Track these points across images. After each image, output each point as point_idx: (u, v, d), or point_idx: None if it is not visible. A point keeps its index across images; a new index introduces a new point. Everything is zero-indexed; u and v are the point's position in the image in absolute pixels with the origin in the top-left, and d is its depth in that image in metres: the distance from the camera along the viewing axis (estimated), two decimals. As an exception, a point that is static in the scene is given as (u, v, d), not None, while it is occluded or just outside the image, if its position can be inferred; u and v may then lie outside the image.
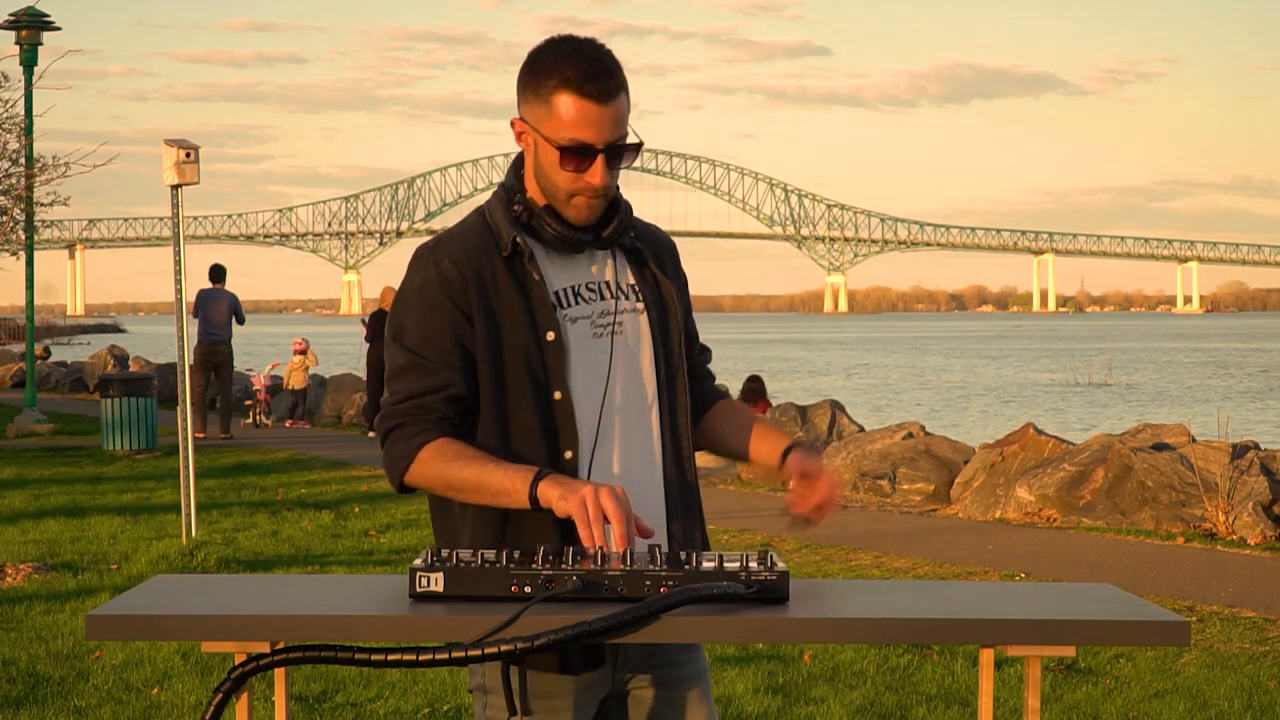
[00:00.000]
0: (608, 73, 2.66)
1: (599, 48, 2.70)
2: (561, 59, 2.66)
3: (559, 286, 2.77)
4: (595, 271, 2.80)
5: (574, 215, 2.72)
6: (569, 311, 2.75)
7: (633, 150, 2.71)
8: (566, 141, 2.65)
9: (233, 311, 18.63)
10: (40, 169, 15.52)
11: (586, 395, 2.74)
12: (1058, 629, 2.47)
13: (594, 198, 2.70)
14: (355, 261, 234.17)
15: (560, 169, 2.68)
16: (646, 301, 2.82)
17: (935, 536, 10.89)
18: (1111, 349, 71.65)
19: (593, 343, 2.76)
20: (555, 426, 2.71)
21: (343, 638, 2.43)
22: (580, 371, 2.74)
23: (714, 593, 2.44)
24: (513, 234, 2.73)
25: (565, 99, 2.64)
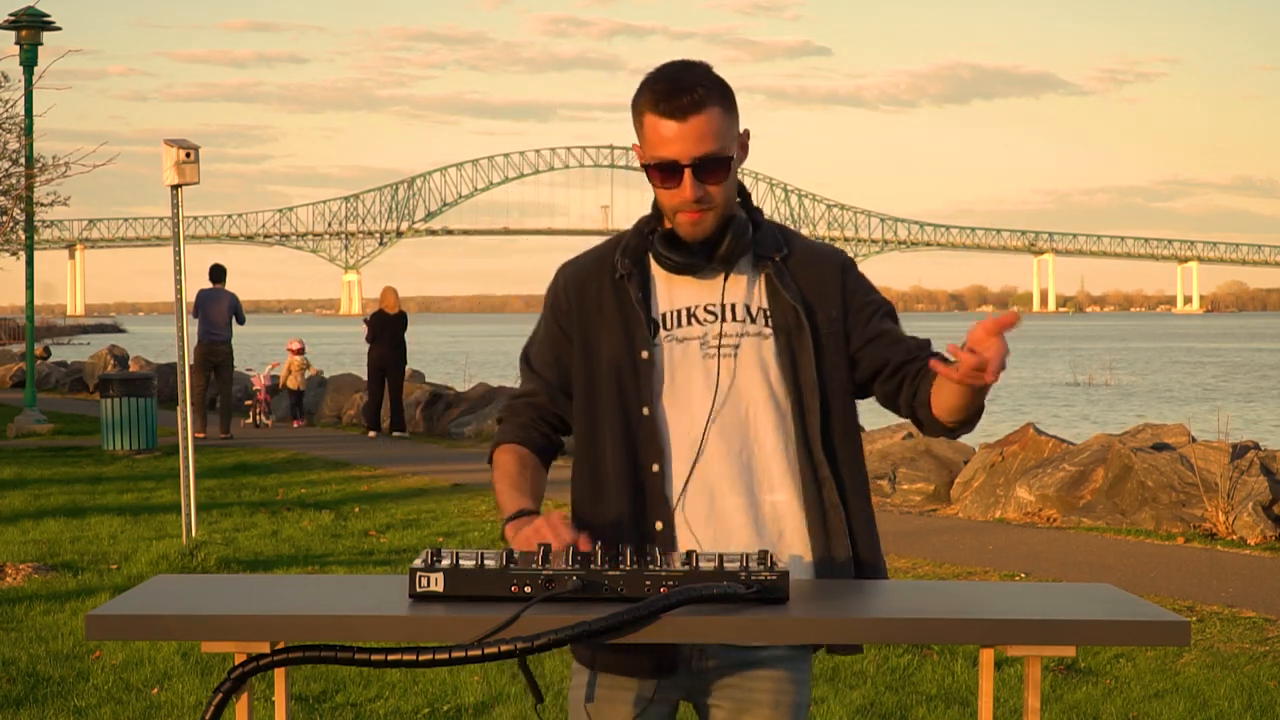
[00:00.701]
0: (684, 89, 2.72)
1: (688, 66, 2.77)
2: (649, 80, 2.77)
3: (674, 307, 2.84)
4: (725, 294, 2.83)
5: (683, 232, 2.79)
6: (676, 332, 2.83)
7: (723, 164, 2.74)
8: (653, 160, 2.76)
9: (233, 311, 18.63)
10: (40, 169, 15.52)
11: (683, 413, 2.81)
12: (1058, 629, 2.47)
13: (696, 213, 2.75)
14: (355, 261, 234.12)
15: (656, 187, 2.78)
16: (776, 327, 2.82)
17: (935, 536, 10.89)
18: (1111, 349, 71.64)
19: (700, 363, 2.82)
20: (641, 441, 2.80)
21: (343, 638, 2.43)
22: (678, 391, 2.82)
23: (714, 593, 2.44)
24: (622, 258, 2.85)
25: (649, 119, 2.75)
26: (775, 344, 2.82)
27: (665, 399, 2.82)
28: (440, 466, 15.64)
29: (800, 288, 2.84)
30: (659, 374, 2.82)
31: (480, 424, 19.42)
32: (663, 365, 2.82)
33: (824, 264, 2.88)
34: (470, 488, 13.57)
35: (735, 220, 2.80)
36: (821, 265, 2.88)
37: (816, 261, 2.88)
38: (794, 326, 2.82)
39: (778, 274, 2.83)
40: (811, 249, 2.91)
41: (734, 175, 2.79)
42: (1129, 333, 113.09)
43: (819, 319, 2.83)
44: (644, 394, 2.80)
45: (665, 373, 2.82)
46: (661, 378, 2.82)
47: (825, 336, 2.83)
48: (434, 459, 16.70)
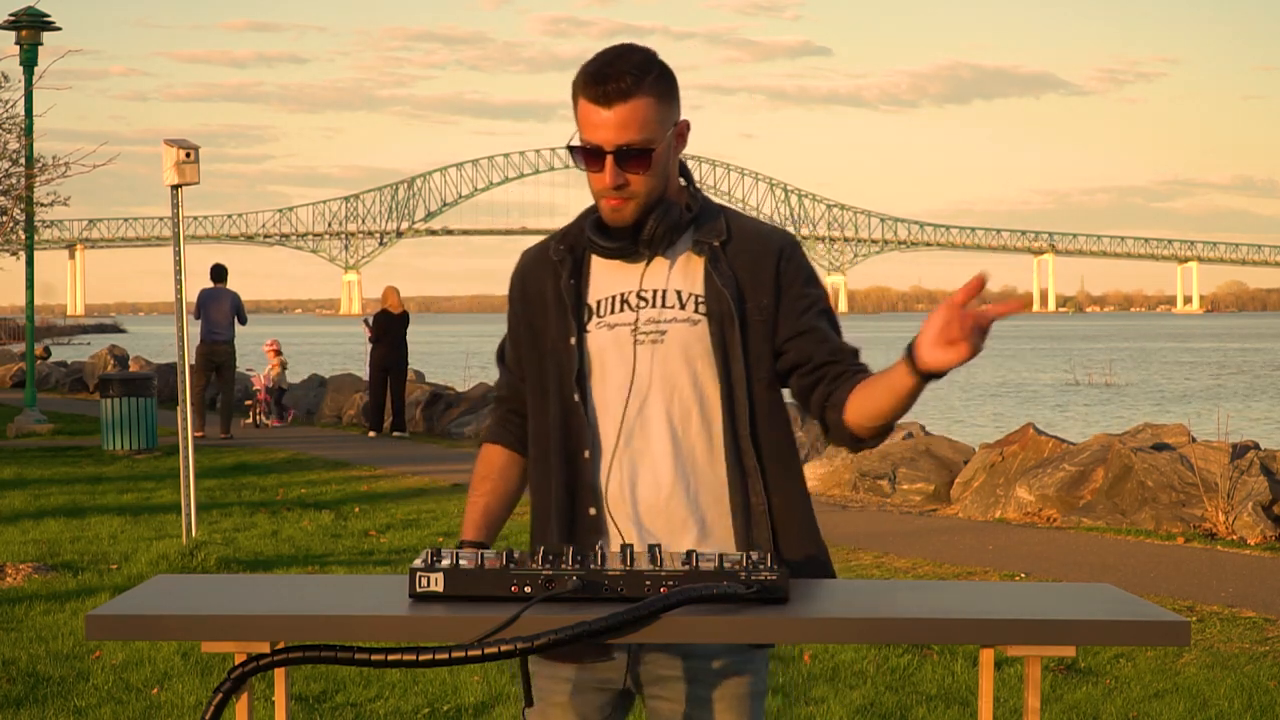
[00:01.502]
0: (614, 77, 2.71)
1: (623, 52, 2.75)
2: (587, 63, 2.76)
3: (608, 294, 2.84)
4: (658, 280, 2.83)
5: (605, 217, 2.80)
6: (607, 318, 2.83)
7: (644, 156, 2.73)
8: (580, 142, 2.76)
9: (235, 311, 18.63)
10: (40, 169, 15.54)
11: (614, 400, 2.81)
12: (1058, 629, 2.47)
13: (617, 200, 2.76)
14: (355, 261, 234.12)
15: (585, 171, 2.78)
16: (709, 312, 2.81)
17: (935, 536, 10.89)
18: (1111, 349, 71.65)
19: (629, 349, 2.81)
20: (574, 428, 2.81)
21: (343, 638, 2.43)
22: (608, 377, 2.82)
23: (714, 593, 2.44)
24: (558, 245, 2.88)
25: (581, 102, 2.76)
26: (708, 330, 2.80)
27: (595, 385, 2.82)
28: (440, 466, 15.64)
29: (735, 274, 2.81)
30: (588, 360, 2.82)
31: (480, 424, 19.42)
32: (593, 351, 2.82)
33: (762, 249, 2.84)
34: (470, 488, 13.56)
35: (661, 205, 2.78)
36: (759, 251, 2.84)
37: (755, 247, 2.84)
38: (725, 314, 2.80)
39: (713, 260, 2.82)
40: (752, 233, 2.87)
41: (661, 165, 2.76)
42: (1129, 333, 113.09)
43: (749, 307, 2.81)
44: (575, 380, 2.81)
45: (596, 359, 2.82)
46: (591, 364, 2.82)
47: (754, 325, 2.81)
48: (434, 459, 16.70)
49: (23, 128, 17.29)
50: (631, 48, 2.76)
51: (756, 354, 2.81)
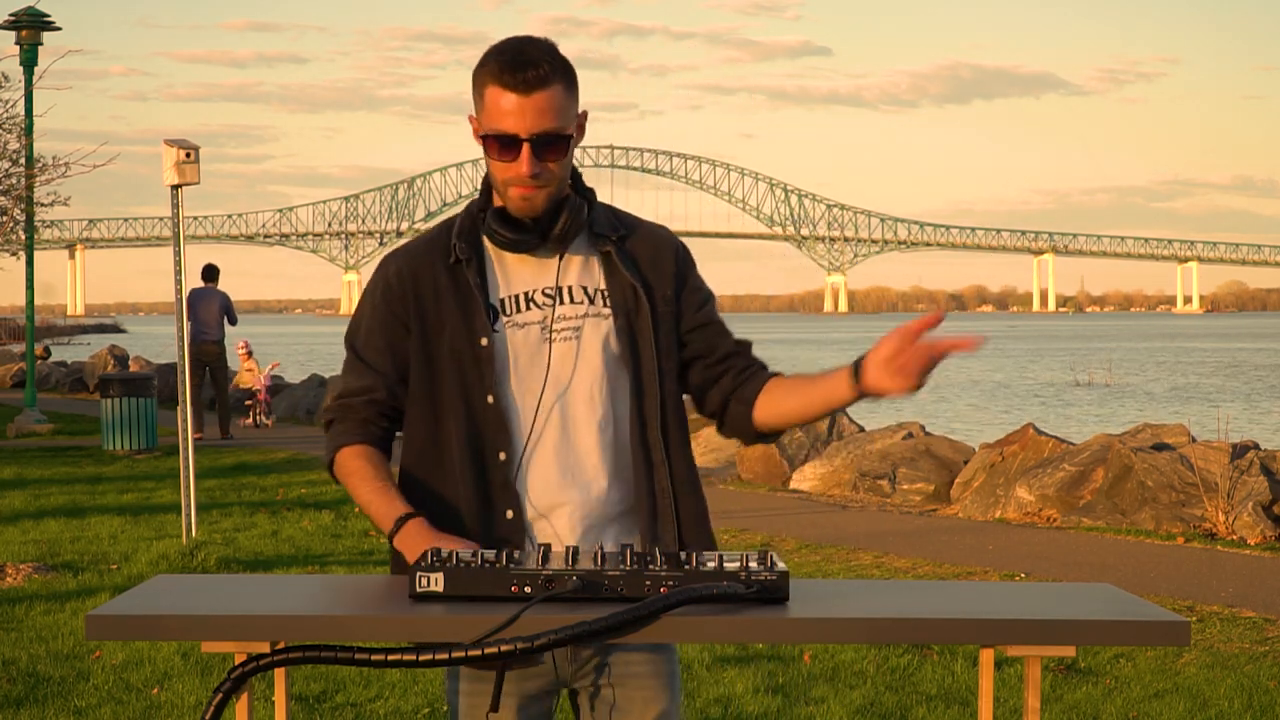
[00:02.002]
0: (530, 63, 2.68)
1: (531, 41, 2.73)
2: (494, 52, 2.72)
3: (513, 292, 2.81)
4: (562, 276, 2.80)
5: (513, 207, 2.76)
6: (516, 317, 2.79)
7: (562, 141, 2.72)
8: (492, 131, 2.72)
9: (224, 311, 18.57)
10: (40, 169, 15.55)
11: (530, 400, 2.78)
12: (1058, 629, 2.47)
13: (529, 189, 2.72)
14: (355, 261, 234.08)
15: (491, 160, 2.74)
16: (615, 307, 2.80)
17: (935, 536, 10.89)
18: (1111, 349, 71.64)
19: (541, 348, 2.79)
20: (488, 431, 2.76)
21: (343, 638, 2.43)
22: (522, 377, 2.79)
23: (714, 593, 2.44)
24: (457, 241, 2.81)
25: (491, 90, 2.71)
26: (614, 324, 2.80)
27: (511, 385, 2.78)
28: (440, 466, 15.61)
29: (639, 267, 2.82)
30: (501, 361, 2.78)
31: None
32: (505, 352, 2.79)
33: (659, 244, 2.87)
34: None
35: (569, 200, 2.78)
36: (657, 245, 2.87)
37: (652, 241, 2.87)
38: (632, 307, 2.80)
39: (616, 253, 2.81)
40: (647, 229, 2.89)
41: (570, 155, 2.77)
42: (1129, 333, 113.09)
43: (656, 298, 2.82)
44: (487, 381, 2.77)
45: (508, 359, 2.79)
46: (505, 364, 2.78)
47: (662, 316, 2.82)
48: (434, 459, 16.68)
49: (23, 128, 17.29)
50: (537, 38, 2.74)
51: (665, 346, 2.83)
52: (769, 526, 11.17)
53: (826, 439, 15.72)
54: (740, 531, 10.97)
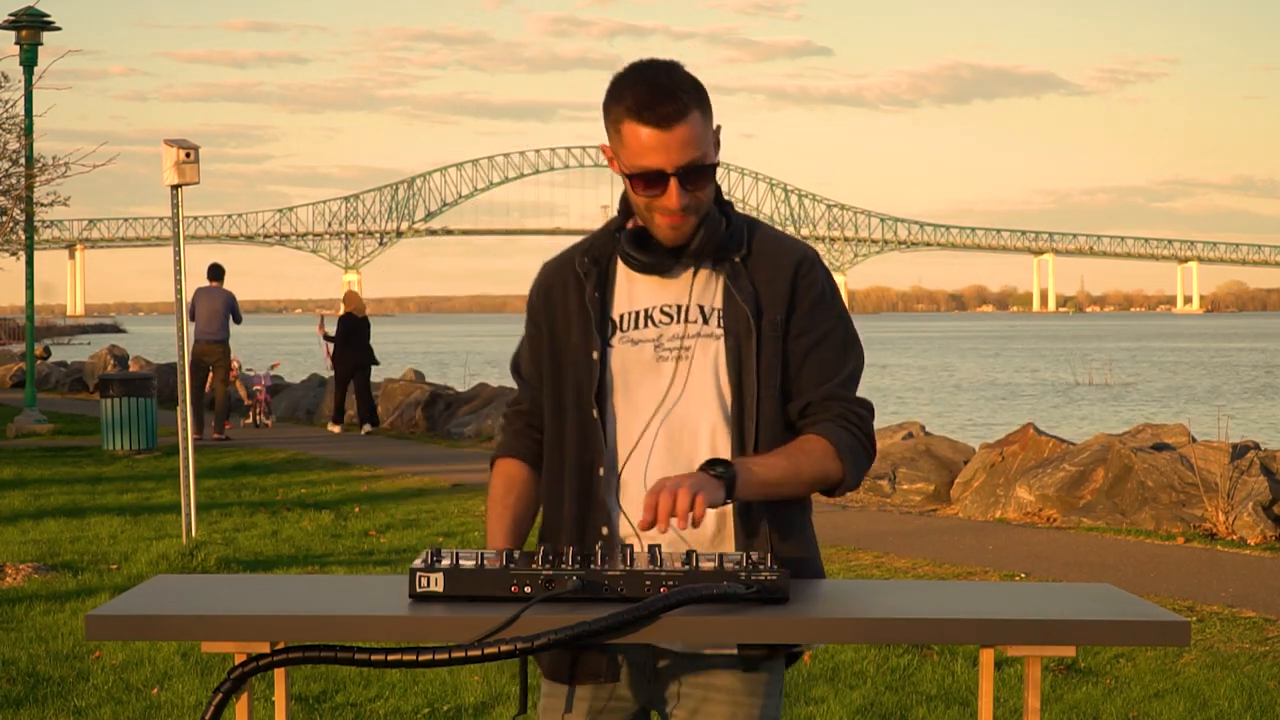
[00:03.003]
0: (668, 96, 2.66)
1: (664, 70, 2.70)
2: (626, 86, 2.69)
3: (632, 308, 2.81)
4: (681, 294, 2.79)
5: (663, 236, 2.75)
6: (632, 334, 2.79)
7: (708, 171, 2.71)
8: (637, 169, 2.69)
9: (229, 310, 18.58)
10: (40, 169, 15.55)
11: (635, 417, 2.77)
12: (1058, 629, 2.47)
13: (678, 218, 2.71)
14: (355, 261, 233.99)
15: (637, 194, 2.72)
16: (727, 328, 2.77)
17: (935, 536, 10.89)
18: (1111, 349, 71.66)
19: (653, 365, 2.78)
20: (592, 444, 2.78)
21: (343, 638, 2.43)
22: (631, 393, 2.78)
23: (714, 593, 2.44)
24: (582, 257, 2.83)
25: (630, 127, 2.68)
26: (725, 345, 2.77)
27: (617, 401, 2.78)
28: (440, 466, 15.64)
29: (755, 289, 2.78)
30: (610, 375, 2.78)
31: (480, 424, 19.42)
32: (615, 367, 2.78)
33: (779, 264, 2.81)
34: (470, 488, 13.57)
35: (709, 219, 2.76)
36: (777, 265, 2.80)
37: (773, 261, 2.81)
38: (743, 330, 2.76)
39: (733, 274, 2.78)
40: (771, 246, 2.83)
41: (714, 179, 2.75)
42: (1129, 333, 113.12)
43: (765, 323, 2.77)
44: (594, 394, 2.78)
45: (618, 374, 2.78)
46: (613, 379, 2.78)
47: (768, 341, 2.78)
48: (434, 459, 16.70)
49: (23, 128, 17.28)
50: (667, 63, 2.71)
51: (768, 370, 2.77)
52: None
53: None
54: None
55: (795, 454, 2.73)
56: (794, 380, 2.79)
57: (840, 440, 2.76)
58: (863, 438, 2.80)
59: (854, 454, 2.77)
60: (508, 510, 2.89)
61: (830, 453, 2.74)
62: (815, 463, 2.73)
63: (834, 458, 2.75)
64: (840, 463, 2.75)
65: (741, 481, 2.63)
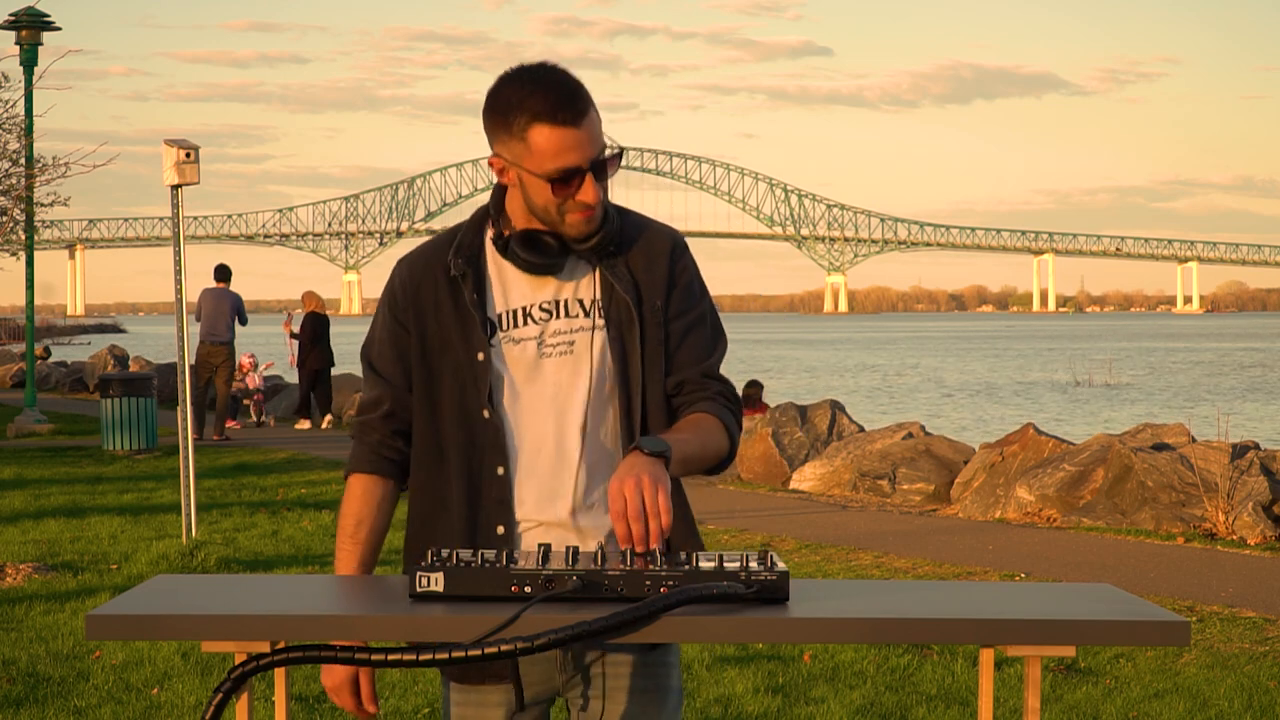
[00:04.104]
0: (574, 94, 2.66)
1: (559, 71, 2.70)
2: (525, 93, 2.66)
3: (510, 307, 2.79)
4: (559, 290, 2.78)
5: (576, 231, 2.73)
6: (512, 333, 2.78)
7: (615, 160, 2.72)
8: (554, 172, 2.67)
9: (235, 311, 18.57)
10: (40, 169, 15.53)
11: (527, 414, 2.77)
12: (1058, 629, 2.47)
13: (591, 212, 2.71)
14: (355, 261, 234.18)
15: (553, 195, 2.69)
16: (608, 319, 2.77)
17: (935, 536, 10.89)
18: (1111, 349, 71.64)
19: (537, 363, 2.78)
20: (485, 444, 2.76)
21: (343, 638, 2.43)
22: (520, 391, 2.78)
23: (714, 593, 2.44)
24: (455, 258, 2.79)
25: (542, 130, 2.65)
26: (608, 336, 2.77)
27: (506, 401, 2.78)
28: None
29: (634, 277, 2.78)
30: (497, 376, 2.78)
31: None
32: (501, 367, 2.78)
33: (654, 249, 2.81)
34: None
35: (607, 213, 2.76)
36: (652, 251, 2.81)
37: (648, 247, 2.81)
38: (625, 320, 2.76)
39: (611, 265, 2.77)
40: (642, 232, 2.82)
41: None
42: (1129, 333, 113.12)
43: (646, 310, 2.78)
44: (483, 396, 2.76)
45: (504, 374, 2.78)
46: (500, 379, 2.78)
47: (651, 327, 2.78)
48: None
49: (23, 128, 17.27)
50: (553, 66, 2.71)
51: (651, 356, 2.79)
52: (769, 526, 11.17)
53: (826, 439, 15.73)
54: (740, 531, 10.97)
55: (698, 431, 2.77)
56: (670, 357, 2.82)
57: (726, 419, 2.82)
58: (738, 416, 2.87)
59: (734, 432, 2.84)
60: (357, 545, 2.92)
61: (721, 429, 2.81)
62: (714, 440, 2.78)
63: (724, 435, 2.81)
64: (727, 439, 2.81)
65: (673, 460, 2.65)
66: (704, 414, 2.80)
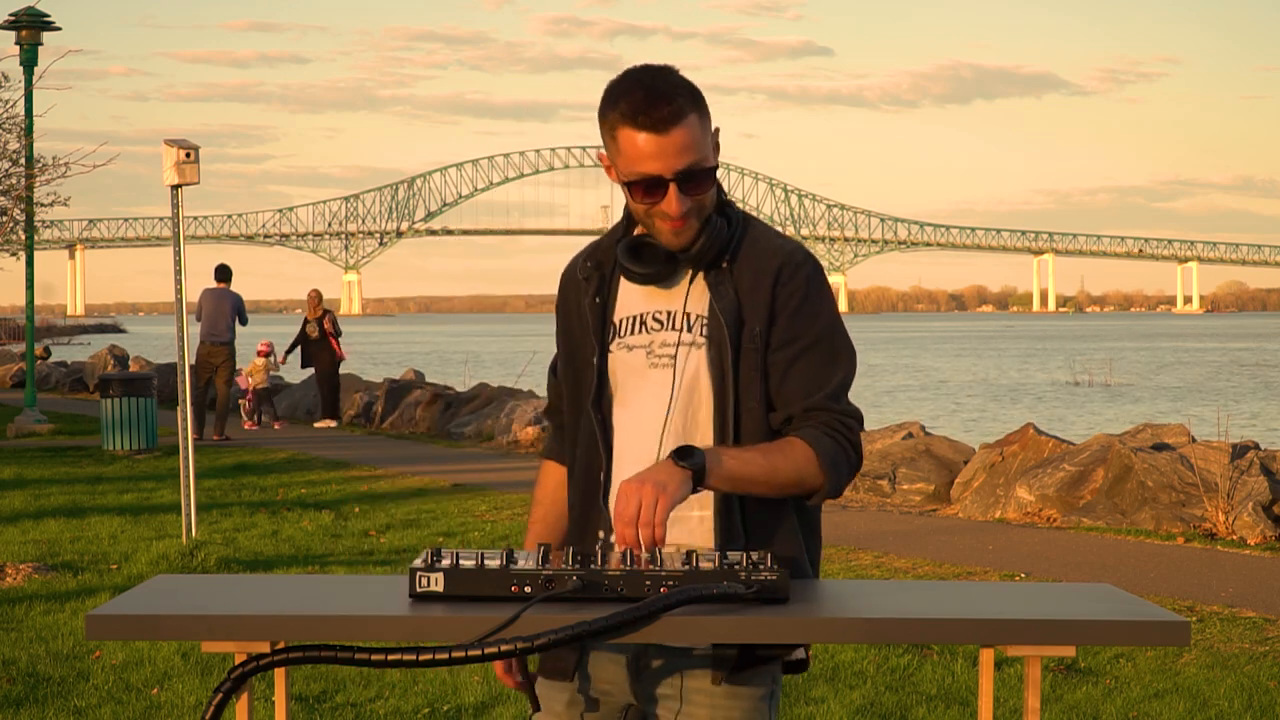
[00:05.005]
0: (663, 100, 2.62)
1: (659, 74, 2.67)
2: (621, 92, 2.66)
3: (630, 313, 2.80)
4: (674, 300, 2.77)
5: (664, 240, 2.72)
6: (627, 339, 2.79)
7: (708, 174, 2.68)
8: (634, 176, 2.66)
9: (236, 312, 18.57)
10: (40, 169, 15.53)
11: (631, 422, 2.78)
12: (1058, 629, 2.47)
13: (680, 224, 2.68)
14: (355, 261, 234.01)
15: (636, 201, 2.70)
16: (709, 336, 2.74)
17: (935, 536, 10.89)
18: (1111, 349, 71.63)
19: (646, 372, 2.78)
20: (593, 448, 2.80)
21: (343, 638, 2.43)
22: (626, 399, 2.79)
23: (714, 593, 2.44)
24: (585, 262, 2.84)
25: (626, 133, 2.64)
26: (707, 354, 2.74)
27: (616, 406, 2.79)
28: (440, 466, 15.64)
29: (738, 297, 2.73)
30: (607, 381, 2.80)
31: (480, 424, 19.42)
32: (611, 372, 2.80)
33: (761, 270, 2.73)
34: (470, 488, 13.57)
35: (711, 223, 2.72)
36: (759, 272, 2.73)
37: (756, 266, 2.74)
38: (722, 339, 2.73)
39: (718, 281, 2.74)
40: (758, 251, 2.75)
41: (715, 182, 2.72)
42: (1129, 333, 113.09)
43: (745, 334, 2.72)
44: (594, 399, 2.79)
45: (614, 379, 2.80)
46: (610, 384, 2.80)
47: (747, 352, 2.73)
48: (434, 459, 16.70)
49: (23, 128, 17.27)
50: (662, 68, 2.69)
51: (747, 381, 2.73)
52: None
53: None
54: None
55: (773, 453, 2.66)
56: (776, 392, 2.73)
57: (822, 446, 2.68)
58: (847, 446, 2.73)
59: (835, 462, 2.70)
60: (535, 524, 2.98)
61: (811, 457, 2.67)
62: (793, 465, 2.66)
63: (814, 463, 2.67)
64: (820, 469, 2.68)
65: (710, 470, 2.58)
66: (796, 439, 2.70)
